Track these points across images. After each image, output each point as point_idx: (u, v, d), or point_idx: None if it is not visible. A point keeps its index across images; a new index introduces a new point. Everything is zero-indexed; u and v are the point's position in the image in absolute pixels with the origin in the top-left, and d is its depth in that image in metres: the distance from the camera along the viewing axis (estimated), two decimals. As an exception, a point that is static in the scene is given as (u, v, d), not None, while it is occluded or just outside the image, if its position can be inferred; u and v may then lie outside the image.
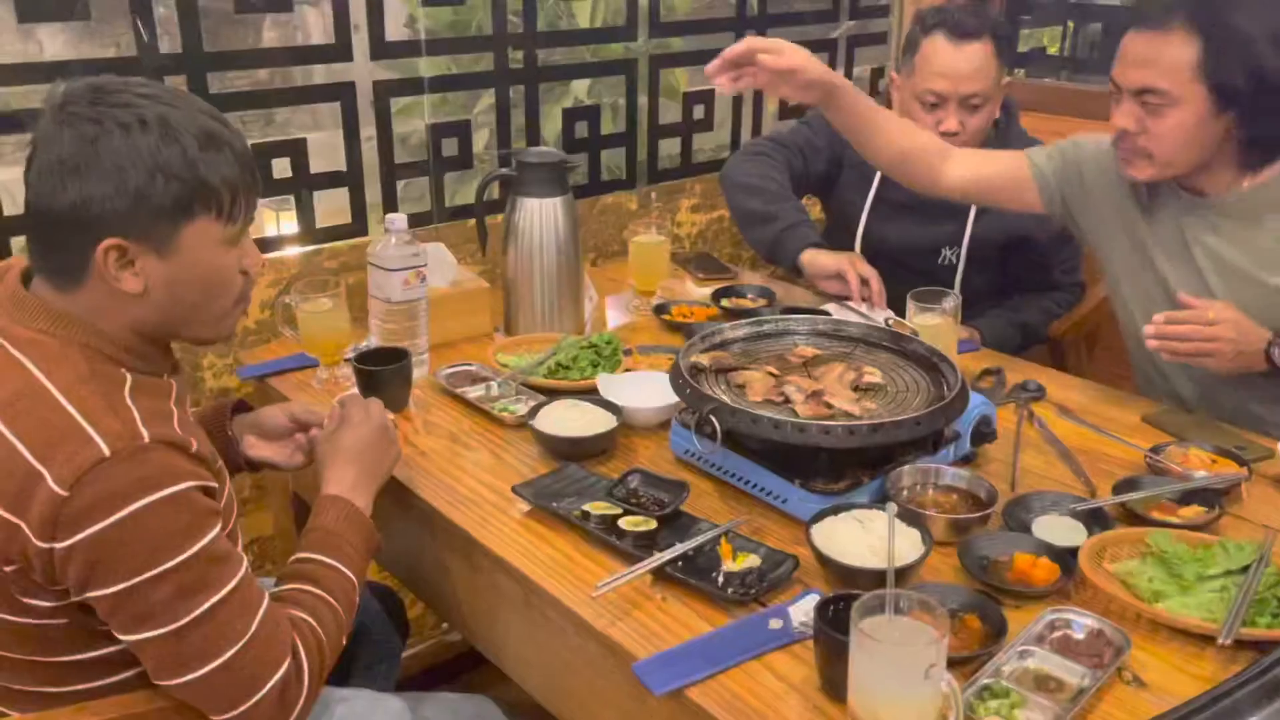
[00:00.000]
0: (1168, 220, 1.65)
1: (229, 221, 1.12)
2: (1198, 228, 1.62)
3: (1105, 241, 1.76)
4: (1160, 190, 1.66)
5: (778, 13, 2.61)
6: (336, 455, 1.35)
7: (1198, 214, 1.62)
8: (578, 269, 1.93)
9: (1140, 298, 1.71)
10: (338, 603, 1.22)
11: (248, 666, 1.08)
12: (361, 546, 1.30)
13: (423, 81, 2.10)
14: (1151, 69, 1.51)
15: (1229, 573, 1.18)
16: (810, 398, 1.39)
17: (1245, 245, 1.58)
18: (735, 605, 1.18)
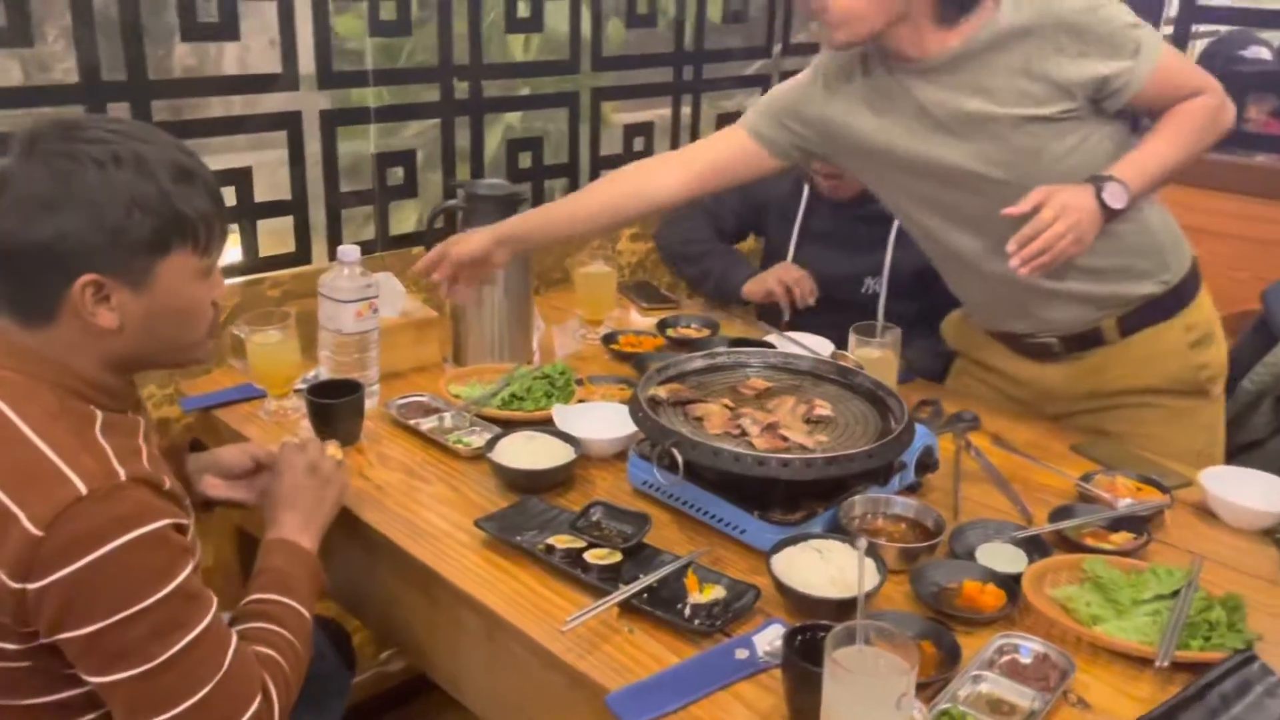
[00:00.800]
0: (905, 105, 1.65)
1: (204, 254, 1.13)
2: (933, 95, 1.61)
3: (870, 167, 1.76)
4: (882, 80, 1.65)
5: (712, 48, 2.68)
6: (274, 504, 1.36)
7: (927, 83, 1.61)
8: (528, 299, 1.95)
9: (923, 198, 1.71)
10: (297, 640, 1.22)
11: (220, 706, 1.07)
12: (309, 584, 1.30)
13: (369, 110, 2.10)
14: None
15: (1160, 597, 1.26)
16: (765, 430, 1.44)
17: (983, 93, 1.58)
18: (701, 636, 1.21)
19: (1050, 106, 1.57)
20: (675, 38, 2.60)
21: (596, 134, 2.51)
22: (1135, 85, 1.56)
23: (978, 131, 1.60)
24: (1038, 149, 1.58)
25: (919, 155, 1.65)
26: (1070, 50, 1.54)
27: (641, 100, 2.66)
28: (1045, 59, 1.55)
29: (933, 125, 1.63)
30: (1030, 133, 1.58)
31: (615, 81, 2.55)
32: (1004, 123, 1.58)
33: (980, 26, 1.56)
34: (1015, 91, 1.57)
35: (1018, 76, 1.56)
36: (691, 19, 2.61)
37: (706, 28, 2.65)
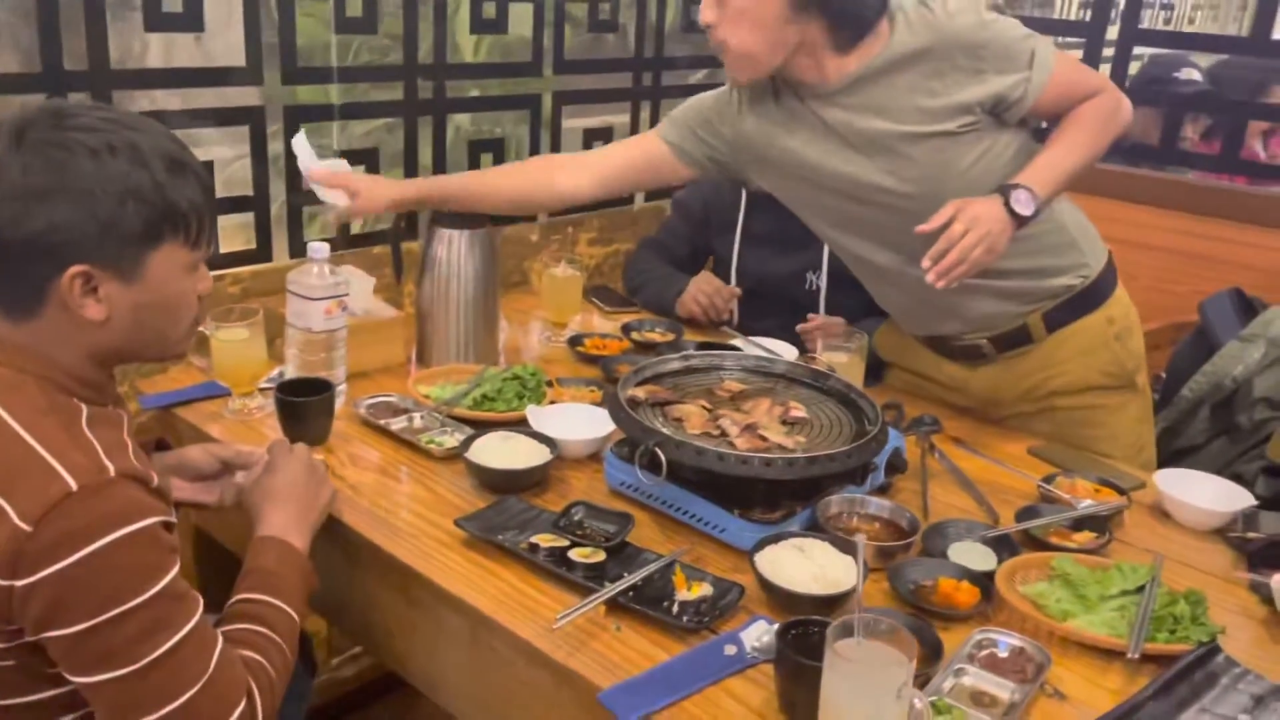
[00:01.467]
0: (814, 127, 1.69)
1: (194, 247, 1.11)
2: (838, 117, 1.66)
3: (785, 185, 1.80)
4: (791, 104, 1.71)
5: (673, 55, 2.70)
6: (266, 499, 1.34)
7: (831, 105, 1.66)
8: (495, 300, 1.95)
9: (838, 215, 1.76)
10: (284, 642, 1.21)
11: (205, 709, 1.05)
12: (300, 586, 1.28)
13: (333, 108, 2.08)
14: None
15: (1125, 592, 1.31)
16: (745, 431, 1.46)
17: (883, 113, 1.63)
18: (689, 633, 1.23)
19: (950, 122, 1.62)
20: (635, 44, 2.62)
21: (557, 137, 2.52)
22: (1033, 95, 1.62)
23: (883, 150, 1.66)
24: (943, 162, 1.64)
25: (831, 173, 1.70)
26: (967, 67, 1.60)
27: (600, 105, 2.68)
28: (942, 76, 1.61)
29: (841, 143, 1.69)
30: (934, 147, 1.63)
31: (576, 86, 2.56)
32: (906, 139, 1.64)
33: (876, 51, 1.62)
34: (914, 109, 1.63)
35: (917, 95, 1.62)
36: (651, 26, 2.63)
37: (666, 35, 2.67)
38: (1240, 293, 2.23)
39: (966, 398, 1.91)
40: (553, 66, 2.45)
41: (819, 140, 1.70)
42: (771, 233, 2.24)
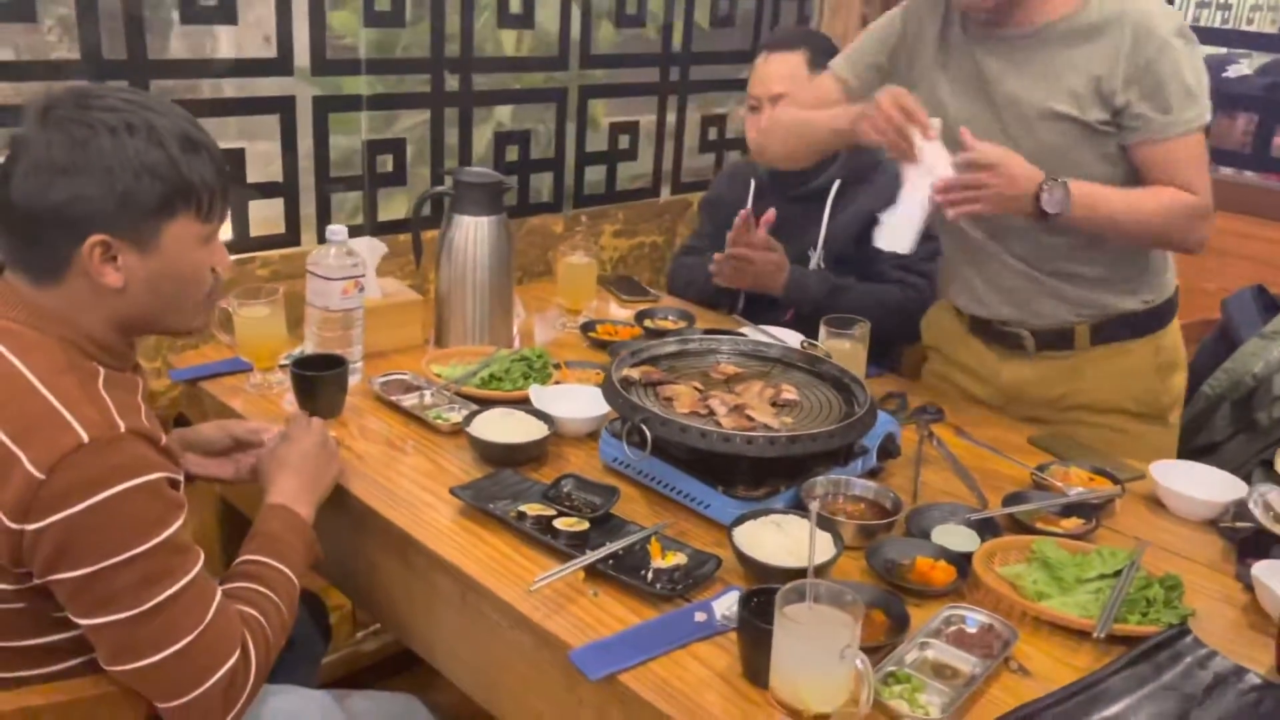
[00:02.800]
0: (966, 69, 1.72)
1: (206, 220, 1.19)
2: (993, 70, 1.68)
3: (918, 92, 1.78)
4: (955, 39, 1.73)
5: (700, 50, 2.74)
6: (280, 467, 1.41)
7: (994, 54, 1.68)
8: (509, 286, 2.01)
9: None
10: (282, 603, 1.27)
11: (200, 656, 1.12)
12: (303, 552, 1.35)
13: (360, 99, 2.15)
14: None
15: (1103, 576, 1.32)
16: (733, 411, 1.49)
17: (1041, 80, 1.65)
18: (663, 600, 1.27)
19: (1090, 113, 1.63)
20: (663, 39, 2.66)
21: (583, 131, 2.57)
22: (1148, 134, 1.61)
23: (1017, 118, 1.66)
24: (1062, 151, 1.64)
25: (959, 121, 1.66)
26: (1122, 66, 1.59)
27: (632, 100, 2.73)
28: (1107, 63, 1.60)
29: (984, 102, 1.69)
30: (1062, 131, 1.64)
31: (603, 80, 2.61)
32: (1045, 115, 1.64)
33: (1069, 9, 1.62)
34: (1067, 90, 1.63)
35: (1077, 75, 1.62)
36: (680, 21, 2.67)
37: (694, 31, 2.71)
38: (1263, 290, 2.20)
39: (995, 391, 1.92)
40: (579, 61, 2.51)
41: (964, 93, 1.71)
42: (776, 221, 2.27)
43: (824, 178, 2.23)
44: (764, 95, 2.17)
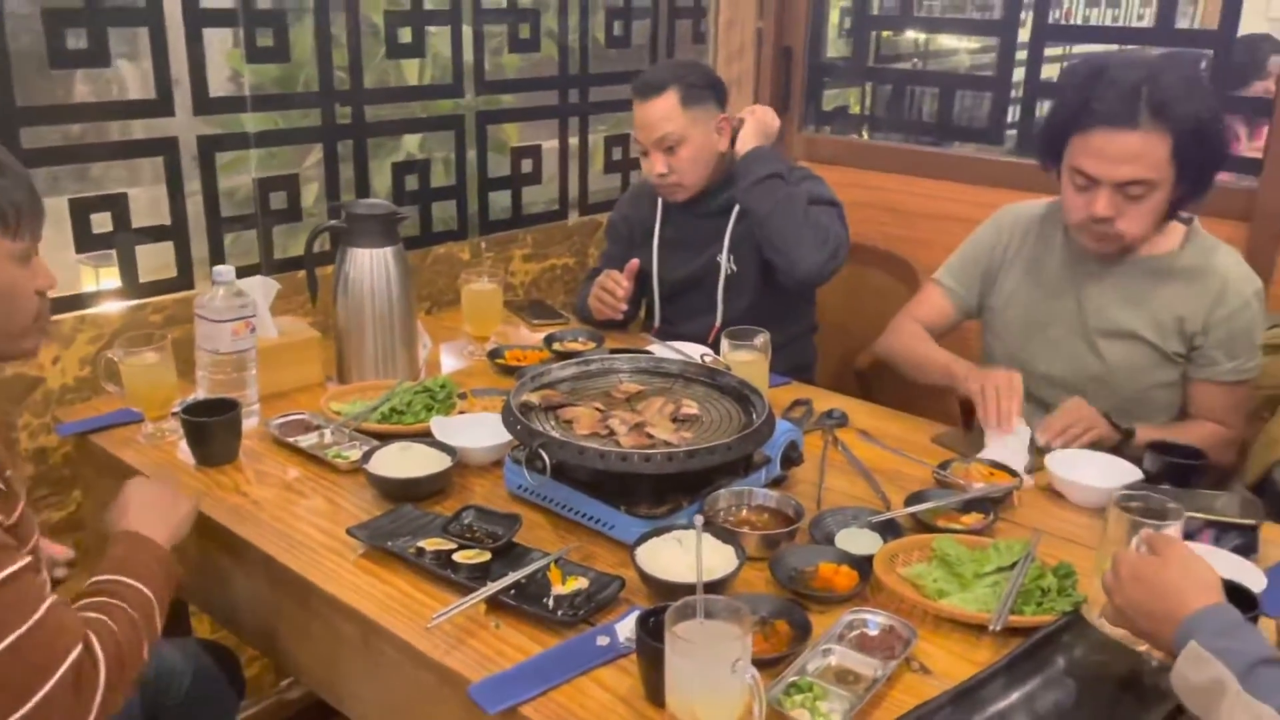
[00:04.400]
0: (1064, 271, 1.90)
1: (15, 238, 1.20)
2: (1094, 301, 1.86)
3: (1003, 285, 1.99)
4: (1072, 247, 1.89)
5: (599, 72, 2.75)
6: (121, 514, 1.39)
7: (1098, 281, 1.86)
8: (411, 317, 1.98)
9: (1023, 327, 1.95)
10: (134, 611, 1.23)
11: (34, 653, 1.08)
12: (155, 568, 1.31)
13: (249, 136, 2.12)
14: (1137, 165, 1.68)
15: (1000, 569, 1.34)
16: (633, 429, 1.49)
17: (1135, 306, 1.82)
18: (565, 627, 1.25)
19: (1168, 344, 1.82)
20: (560, 62, 2.67)
21: (484, 157, 2.56)
22: (1208, 375, 1.82)
23: (1100, 329, 1.85)
24: (1131, 369, 1.84)
25: (1046, 320, 1.91)
26: (1208, 315, 1.78)
27: (534, 124, 2.72)
28: (1190, 306, 1.79)
29: (1070, 302, 1.88)
30: (1138, 353, 1.83)
31: (502, 105, 2.61)
32: (1126, 334, 1.83)
33: (1170, 247, 1.82)
34: (1153, 320, 1.82)
35: (1164, 309, 1.81)
36: (575, 44, 2.68)
37: (592, 53, 2.72)
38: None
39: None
40: (475, 87, 2.50)
41: (1055, 295, 1.90)
42: (683, 235, 2.29)
43: (725, 198, 2.25)
44: (649, 141, 2.19)
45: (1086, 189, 1.74)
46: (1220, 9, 2.26)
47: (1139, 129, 1.67)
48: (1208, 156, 1.72)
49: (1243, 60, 3.22)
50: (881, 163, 2.80)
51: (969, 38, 3.61)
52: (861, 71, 3.00)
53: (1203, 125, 1.69)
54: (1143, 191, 1.70)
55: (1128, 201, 1.72)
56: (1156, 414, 1.85)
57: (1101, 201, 1.72)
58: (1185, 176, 1.72)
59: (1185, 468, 1.58)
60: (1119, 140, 1.68)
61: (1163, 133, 1.67)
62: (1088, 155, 1.72)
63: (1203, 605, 1.04)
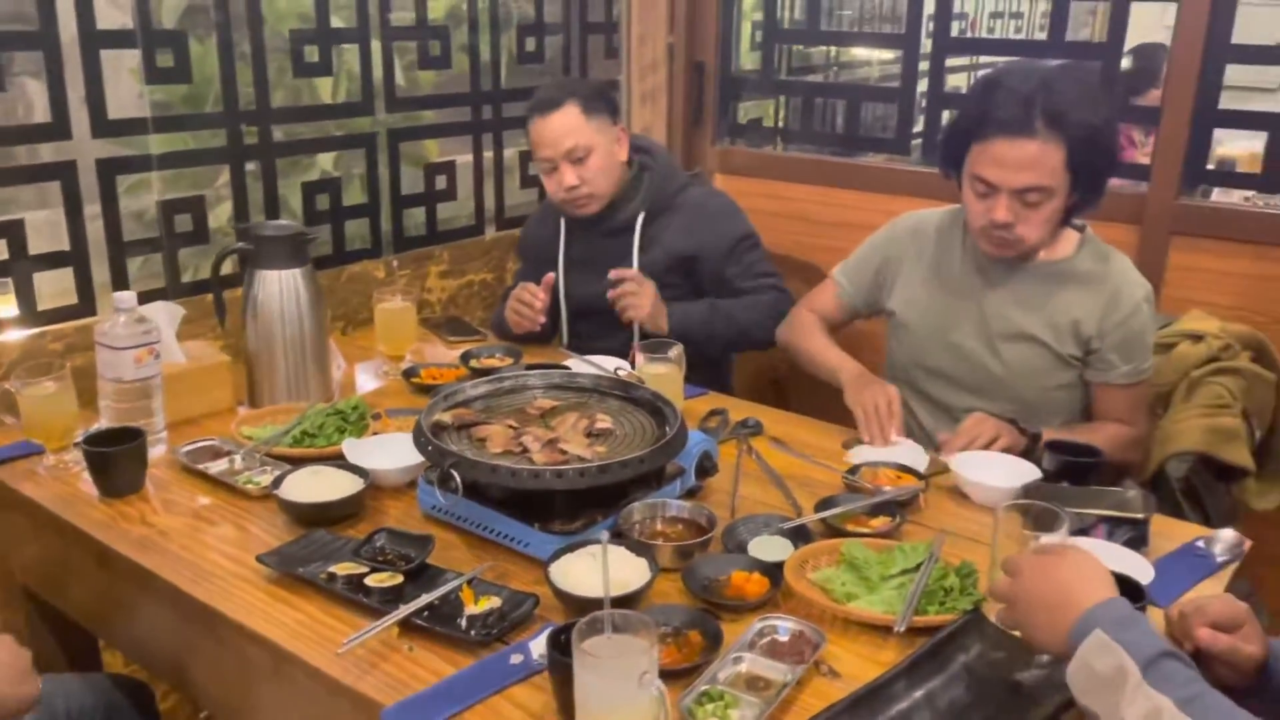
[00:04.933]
0: (964, 276, 1.96)
1: None
2: (992, 305, 1.92)
3: (901, 290, 2.04)
4: (971, 253, 1.95)
5: (512, 88, 2.75)
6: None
7: (997, 287, 1.92)
8: (322, 338, 1.96)
9: (925, 330, 2.00)
10: None
11: None
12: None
13: (151, 159, 2.08)
14: (1034, 172, 1.73)
15: (905, 571, 1.37)
16: (546, 446, 1.49)
17: (1032, 311, 1.89)
18: (480, 646, 1.25)
19: (1063, 346, 1.88)
20: (472, 79, 2.66)
21: (397, 174, 2.55)
22: (1107, 378, 1.89)
23: (1000, 331, 1.91)
24: (1031, 371, 1.90)
25: (945, 322, 1.96)
26: (1103, 316, 1.85)
27: (448, 140, 2.72)
28: (1084, 307, 1.86)
29: (970, 304, 1.94)
30: (1035, 355, 1.89)
31: (416, 122, 2.60)
32: (1024, 336, 1.89)
33: (1066, 253, 1.89)
34: (1049, 323, 1.88)
35: (1061, 310, 1.87)
36: (487, 60, 2.68)
37: (504, 68, 2.72)
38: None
39: None
40: (386, 104, 2.48)
41: (955, 298, 1.96)
42: (589, 255, 2.31)
43: (629, 211, 2.28)
44: (556, 155, 2.19)
45: (986, 195, 1.80)
46: (1109, 23, 2.36)
47: (1035, 137, 1.72)
48: (1101, 163, 1.79)
49: (1142, 66, 3.37)
50: (794, 174, 2.85)
51: (879, 50, 3.71)
52: (772, 85, 3.05)
53: (1095, 133, 1.75)
54: (1040, 198, 1.76)
55: (1026, 208, 1.77)
56: (1056, 416, 1.91)
57: (1001, 208, 1.77)
58: (1080, 183, 1.78)
59: (1082, 465, 1.63)
60: (1016, 148, 1.74)
61: (1058, 141, 1.73)
62: (987, 163, 1.77)
63: (1102, 598, 1.07)
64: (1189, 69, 2.22)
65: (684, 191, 2.31)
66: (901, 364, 2.04)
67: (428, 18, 2.52)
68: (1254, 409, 1.98)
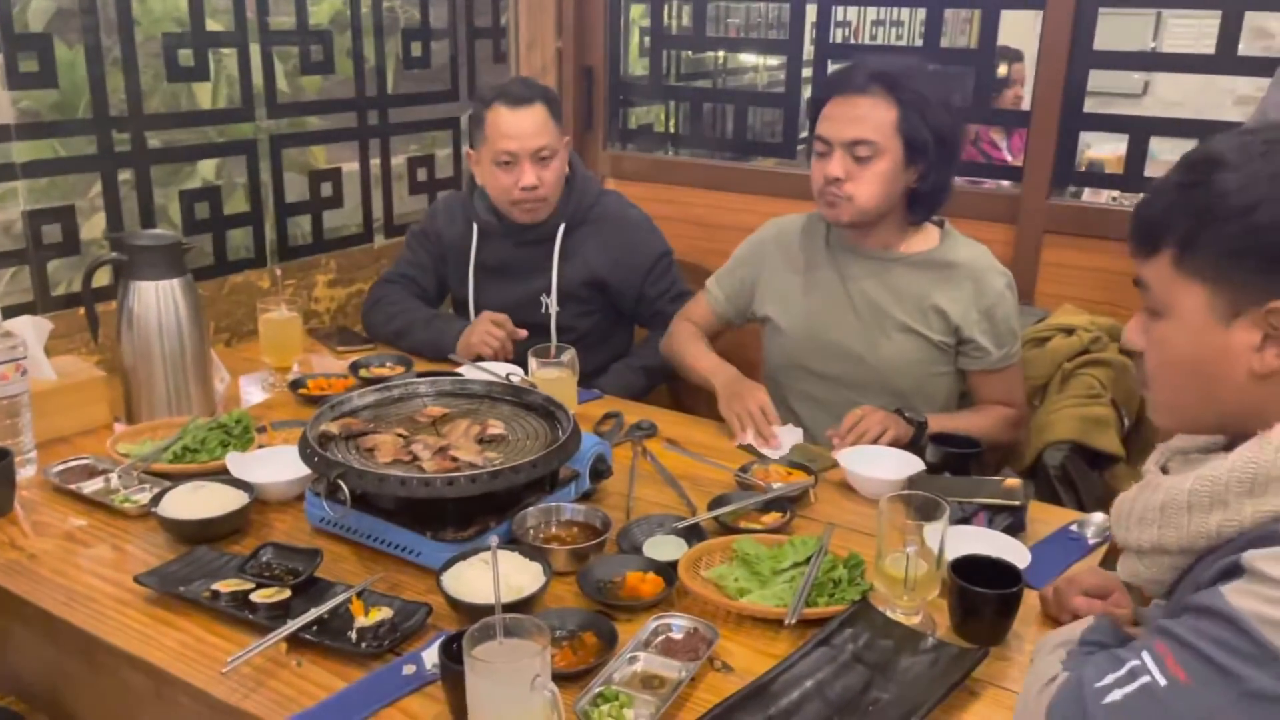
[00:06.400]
0: (829, 271, 2.01)
1: None
2: (860, 287, 1.97)
3: (771, 295, 2.08)
4: (836, 250, 2.01)
5: (400, 93, 2.72)
6: None
7: (863, 274, 1.97)
8: (203, 350, 1.90)
9: (801, 331, 2.04)
10: None
11: None
12: None
13: (14, 167, 1.98)
14: (863, 125, 1.83)
15: (796, 564, 1.40)
16: (437, 454, 1.48)
17: (900, 298, 1.94)
18: (371, 659, 1.23)
19: (937, 333, 1.94)
20: (356, 84, 2.62)
21: (280, 181, 2.48)
22: (982, 364, 1.95)
23: (874, 322, 1.96)
24: (911, 362, 1.95)
25: (821, 321, 1.99)
26: (971, 304, 1.92)
27: (333, 146, 2.66)
28: (951, 295, 1.92)
29: (841, 299, 1.98)
30: (911, 345, 1.94)
31: (301, 128, 2.54)
32: (898, 327, 1.94)
33: (925, 248, 1.95)
34: (918, 308, 1.94)
35: (926, 300, 1.93)
36: (372, 65, 2.64)
37: (390, 74, 2.68)
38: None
39: None
40: (267, 110, 2.42)
41: (826, 295, 2.00)
42: (503, 264, 2.29)
43: (551, 222, 2.27)
44: (522, 151, 2.16)
45: (824, 155, 1.89)
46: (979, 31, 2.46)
47: (865, 94, 1.84)
48: (934, 140, 1.85)
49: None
50: (685, 178, 2.88)
51: (765, 56, 3.77)
52: (661, 90, 3.08)
53: (926, 103, 1.84)
54: (869, 153, 1.84)
55: (856, 164, 1.85)
56: (935, 404, 1.97)
57: (834, 162, 1.86)
58: (914, 157, 1.85)
59: (963, 456, 1.69)
60: (848, 104, 1.85)
61: (888, 101, 1.83)
62: (823, 121, 1.89)
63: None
64: (1055, 75, 2.32)
65: (599, 203, 2.32)
66: (779, 365, 2.08)
67: (309, 22, 2.47)
68: (1122, 398, 2.08)
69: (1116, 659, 0.91)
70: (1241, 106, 3.20)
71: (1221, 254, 0.94)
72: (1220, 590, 0.86)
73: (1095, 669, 0.92)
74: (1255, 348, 0.94)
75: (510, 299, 2.29)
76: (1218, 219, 0.94)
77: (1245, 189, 0.92)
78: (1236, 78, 2.31)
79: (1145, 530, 1.00)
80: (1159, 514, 0.99)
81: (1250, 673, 0.82)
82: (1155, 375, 1.05)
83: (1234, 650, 0.83)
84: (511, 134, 2.17)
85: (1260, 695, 0.81)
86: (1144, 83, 5.02)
